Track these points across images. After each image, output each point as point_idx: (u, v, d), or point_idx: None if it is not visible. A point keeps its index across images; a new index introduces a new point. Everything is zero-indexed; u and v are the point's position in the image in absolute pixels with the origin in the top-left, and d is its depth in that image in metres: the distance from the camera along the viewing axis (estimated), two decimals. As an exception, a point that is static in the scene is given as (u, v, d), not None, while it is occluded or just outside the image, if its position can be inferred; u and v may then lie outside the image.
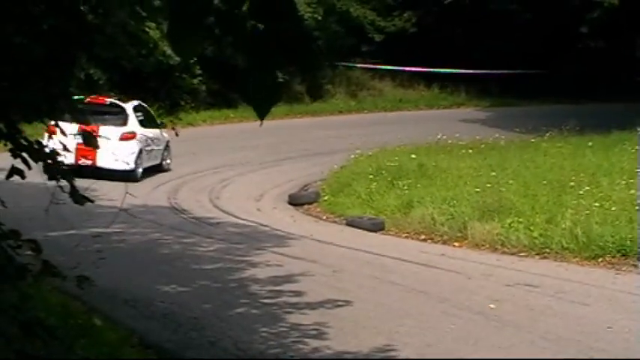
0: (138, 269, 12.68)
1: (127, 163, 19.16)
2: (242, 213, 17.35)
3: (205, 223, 16.42)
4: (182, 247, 14.26)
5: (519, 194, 15.52)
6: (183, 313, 10.36)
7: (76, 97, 6.33)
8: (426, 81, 34.81)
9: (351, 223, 16.30)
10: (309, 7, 30.76)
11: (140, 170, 19.71)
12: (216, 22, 3.32)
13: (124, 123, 19.60)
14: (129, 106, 20.03)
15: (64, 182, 5.76)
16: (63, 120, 6.10)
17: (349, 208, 17.26)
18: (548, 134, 23.68)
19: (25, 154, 5.71)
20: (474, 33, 33.92)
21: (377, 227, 15.87)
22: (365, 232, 15.73)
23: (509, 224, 14.14)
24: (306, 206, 18.31)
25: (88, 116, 6.62)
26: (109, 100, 19.46)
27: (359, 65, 34.90)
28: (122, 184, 5.92)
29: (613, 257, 12.71)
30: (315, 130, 28.21)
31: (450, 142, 22.70)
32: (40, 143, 5.78)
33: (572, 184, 15.97)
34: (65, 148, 5.91)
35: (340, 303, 10.73)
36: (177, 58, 27.87)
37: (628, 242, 12.71)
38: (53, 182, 5.78)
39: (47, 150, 5.74)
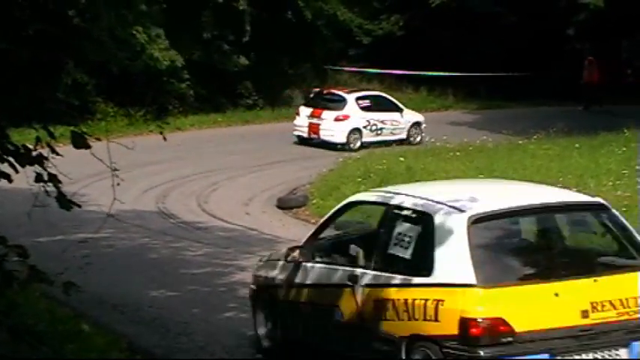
0: (126, 274, 12.65)
1: (340, 138, 25.16)
2: (231, 217, 17.32)
3: (194, 227, 16.39)
4: (171, 251, 14.24)
5: (507, 196, 15.54)
6: (172, 318, 10.34)
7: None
8: (413, 84, 34.81)
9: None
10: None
11: (357, 144, 25.14)
12: (214, 15, 3.31)
13: (342, 108, 25.53)
14: (351, 96, 26.04)
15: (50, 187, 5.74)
16: (50, 124, 6.08)
17: (338, 211, 17.23)
18: (535, 136, 23.75)
19: (11, 159, 5.69)
20: (461, 36, 33.97)
21: (365, 230, 15.86)
22: (353, 235, 15.70)
23: (498, 226, 14.15)
24: (294, 210, 18.28)
25: (78, 119, 6.58)
26: (336, 92, 26.70)
27: (347, 69, 34.91)
28: (110, 190, 6.11)
29: (601, 258, 12.72)
30: (303, 134, 28.20)
31: (437, 144, 22.72)
32: (27, 148, 5.76)
33: (559, 185, 16.00)
34: (53, 151, 5.88)
35: (329, 306, 10.69)
36: (166, 63, 27.91)
37: (615, 243, 12.74)
38: (40, 188, 5.76)
39: (34, 154, 5.71)
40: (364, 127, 25.55)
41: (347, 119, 25.39)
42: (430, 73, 32.85)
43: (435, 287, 7.01)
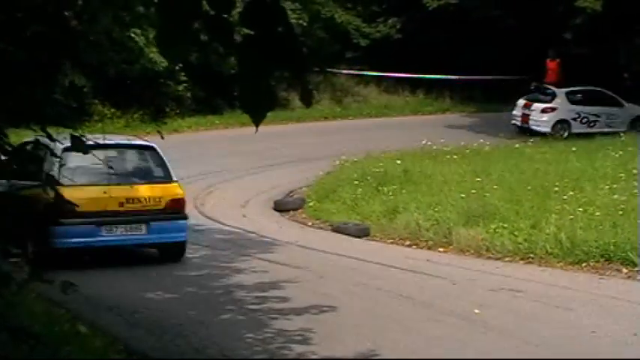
0: (122, 276, 12.66)
1: (545, 128, 27.25)
2: (227, 219, 17.33)
3: (190, 229, 16.35)
4: (167, 253, 14.21)
5: (504, 200, 15.57)
6: (169, 320, 10.34)
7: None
8: (410, 87, 34.81)
9: (336, 229, 16.30)
10: (294, 14, 30.77)
11: (565, 134, 27.06)
12: (204, 27, 3.33)
13: (550, 101, 27.85)
14: (560, 91, 28.16)
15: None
16: (48, 125, 6.10)
17: (334, 214, 17.27)
18: (532, 140, 23.76)
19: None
20: (459, 39, 33.97)
21: (362, 233, 15.88)
22: (350, 238, 15.74)
23: (494, 230, 14.17)
24: (291, 212, 18.31)
25: (76, 121, 6.70)
26: (548, 86, 28.84)
27: (344, 71, 34.90)
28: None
29: (597, 262, 12.74)
30: (300, 137, 28.21)
31: (434, 147, 22.73)
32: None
33: (556, 189, 16.03)
34: (52, 153, 5.90)
35: (325, 309, 10.74)
36: (163, 65, 27.90)
37: (612, 247, 12.76)
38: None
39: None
40: (573, 119, 27.55)
41: (553, 111, 27.52)
42: (427, 76, 32.86)
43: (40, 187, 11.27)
